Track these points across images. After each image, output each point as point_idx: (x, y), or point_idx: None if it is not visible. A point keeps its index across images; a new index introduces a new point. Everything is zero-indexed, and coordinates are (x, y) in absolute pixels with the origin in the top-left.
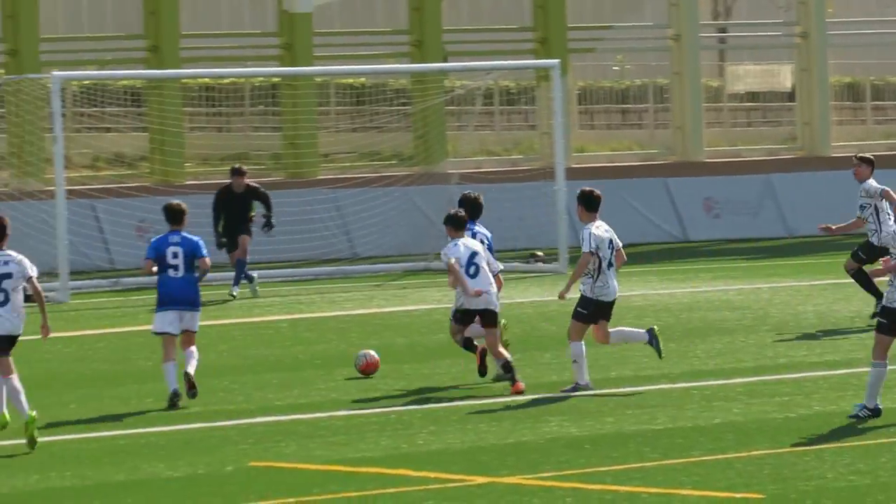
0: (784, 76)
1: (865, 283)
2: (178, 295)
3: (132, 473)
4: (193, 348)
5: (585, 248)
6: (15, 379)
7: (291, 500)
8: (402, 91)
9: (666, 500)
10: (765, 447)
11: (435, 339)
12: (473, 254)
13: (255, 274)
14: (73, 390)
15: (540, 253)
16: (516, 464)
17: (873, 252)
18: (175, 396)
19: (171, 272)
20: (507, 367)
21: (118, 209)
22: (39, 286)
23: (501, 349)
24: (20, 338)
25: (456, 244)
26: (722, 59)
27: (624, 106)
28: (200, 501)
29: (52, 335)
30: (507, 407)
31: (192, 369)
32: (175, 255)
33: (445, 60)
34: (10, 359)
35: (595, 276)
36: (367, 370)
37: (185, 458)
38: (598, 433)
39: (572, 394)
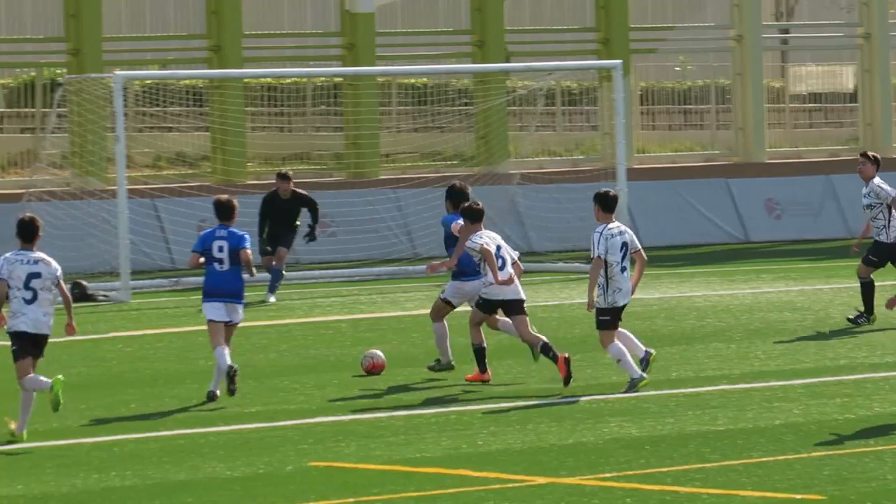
0: (846, 77)
1: (868, 294)
2: (224, 287)
3: (192, 473)
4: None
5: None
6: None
7: (351, 499)
8: (464, 91)
9: (726, 500)
10: (825, 448)
11: (495, 339)
12: (499, 246)
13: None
14: (134, 389)
15: None
16: (576, 464)
17: (884, 253)
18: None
19: (216, 265)
20: (547, 348)
21: (180, 209)
22: (66, 288)
23: (535, 333)
24: (70, 338)
25: (481, 236)
26: (784, 59)
27: (686, 107)
28: (260, 501)
29: (112, 334)
30: (567, 407)
31: (230, 362)
32: (220, 249)
33: (507, 60)
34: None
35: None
36: (373, 370)
37: (244, 457)
38: (659, 434)
39: (632, 393)
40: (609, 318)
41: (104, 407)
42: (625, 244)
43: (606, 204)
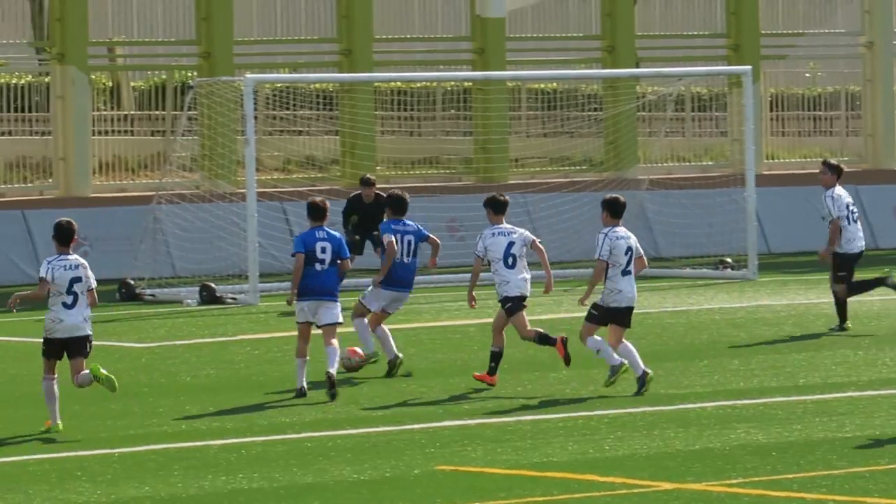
0: None
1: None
2: (316, 285)
3: (319, 476)
4: (335, 344)
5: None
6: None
7: None
8: (594, 96)
9: None
10: None
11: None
12: (511, 243)
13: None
14: (262, 392)
15: (729, 259)
16: (702, 470)
17: (844, 265)
18: (300, 394)
19: (317, 266)
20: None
21: None
22: (95, 296)
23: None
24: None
25: (497, 231)
26: None
27: (815, 113)
28: None
29: (240, 337)
30: (694, 413)
31: (333, 369)
32: (324, 251)
33: (637, 66)
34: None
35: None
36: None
37: (371, 461)
38: (786, 440)
39: (642, 387)
40: (597, 315)
41: (232, 409)
42: (630, 248)
43: (615, 210)
